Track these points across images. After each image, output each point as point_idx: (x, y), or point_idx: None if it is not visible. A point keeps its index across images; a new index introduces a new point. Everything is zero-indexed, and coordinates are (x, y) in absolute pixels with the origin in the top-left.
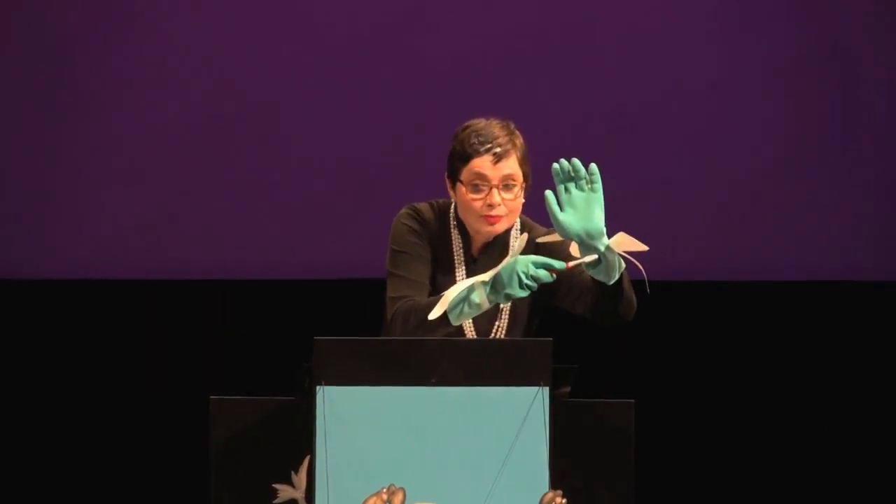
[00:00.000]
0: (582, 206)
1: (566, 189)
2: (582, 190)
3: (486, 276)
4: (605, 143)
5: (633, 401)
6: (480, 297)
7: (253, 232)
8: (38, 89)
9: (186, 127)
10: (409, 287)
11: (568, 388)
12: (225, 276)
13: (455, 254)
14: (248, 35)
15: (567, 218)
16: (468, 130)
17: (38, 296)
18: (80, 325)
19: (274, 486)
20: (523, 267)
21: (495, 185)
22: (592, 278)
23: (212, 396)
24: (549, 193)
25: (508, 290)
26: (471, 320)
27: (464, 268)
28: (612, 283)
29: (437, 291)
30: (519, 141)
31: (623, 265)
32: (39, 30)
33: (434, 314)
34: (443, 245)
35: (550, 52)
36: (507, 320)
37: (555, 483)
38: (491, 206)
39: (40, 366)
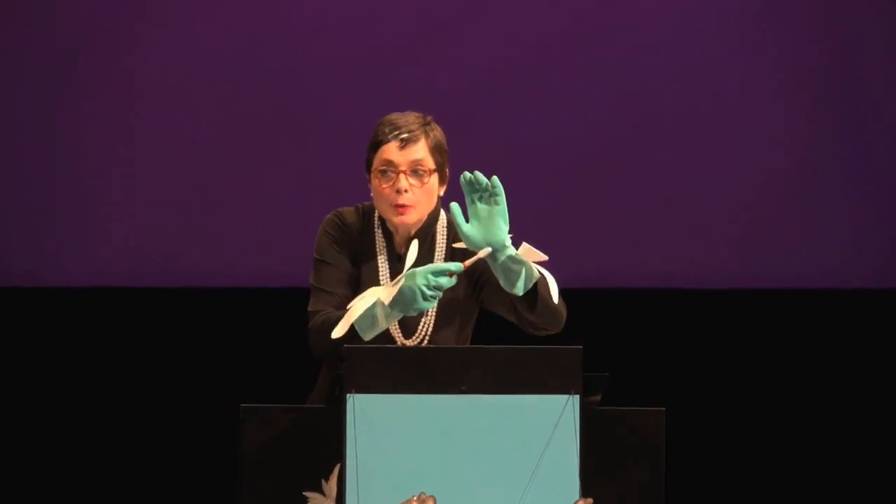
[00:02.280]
0: (485, 218)
1: (472, 201)
2: (486, 203)
3: (386, 296)
4: (621, 154)
5: (663, 409)
6: (384, 317)
7: (282, 239)
8: (52, 95)
9: (207, 133)
10: (325, 300)
11: (598, 397)
12: (256, 284)
13: (378, 253)
14: (264, 43)
15: (471, 230)
16: (383, 121)
17: (54, 304)
18: (106, 333)
19: (304, 494)
20: (422, 280)
21: (403, 170)
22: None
23: (242, 404)
24: (454, 205)
25: (416, 306)
26: (396, 322)
27: (387, 266)
28: (520, 293)
29: (357, 296)
30: (433, 132)
31: (536, 275)
32: (57, 35)
33: (336, 333)
34: (366, 246)
35: (574, 62)
36: (433, 318)
37: (585, 491)
38: (399, 191)
39: (60, 374)
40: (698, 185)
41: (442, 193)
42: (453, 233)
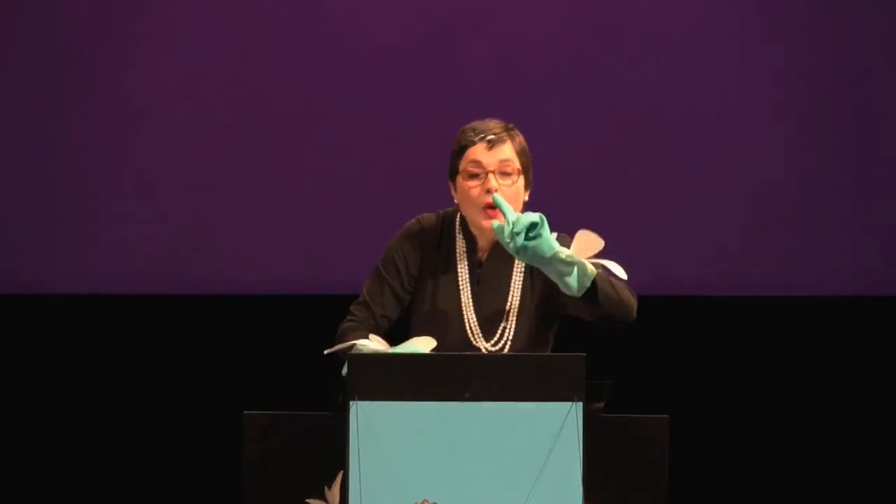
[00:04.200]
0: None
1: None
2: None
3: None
4: (624, 162)
5: (667, 416)
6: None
7: (286, 246)
8: (53, 102)
9: (213, 140)
10: (364, 311)
11: (602, 404)
12: (259, 292)
13: (459, 259)
14: (272, 47)
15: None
16: (465, 129)
17: (60, 311)
18: (107, 340)
19: (307, 501)
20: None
21: (491, 170)
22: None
23: (245, 412)
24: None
25: None
26: (476, 323)
27: (467, 274)
28: (578, 294)
29: (436, 302)
30: (518, 137)
31: (591, 271)
32: (60, 42)
33: (329, 350)
34: (446, 252)
35: (575, 72)
36: (514, 322)
37: (588, 498)
38: (489, 191)
39: (62, 382)
40: (700, 192)
41: (527, 198)
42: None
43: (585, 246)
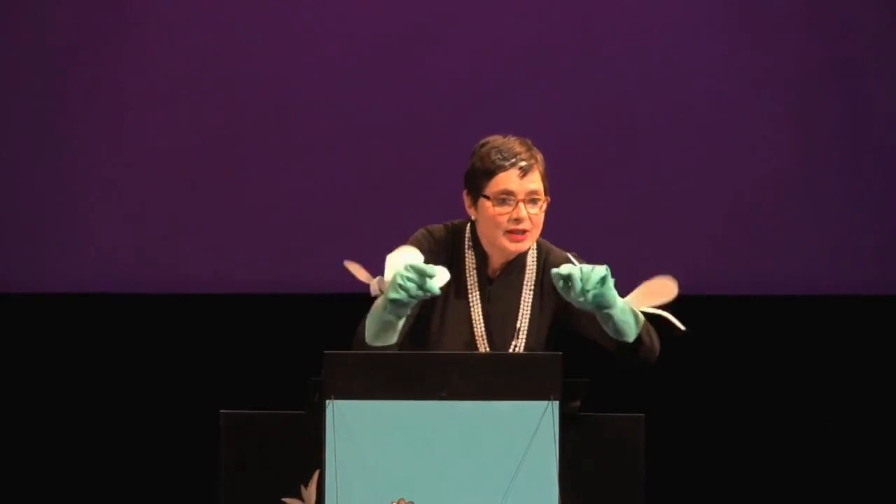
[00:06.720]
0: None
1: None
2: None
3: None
4: (609, 159)
5: (643, 415)
6: (380, 310)
7: (261, 245)
8: (43, 102)
9: (193, 139)
10: None
11: (578, 403)
12: (234, 291)
13: (468, 275)
14: (253, 49)
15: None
16: (488, 146)
17: (46, 310)
18: (87, 339)
19: (284, 500)
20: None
21: (521, 199)
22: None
23: (222, 410)
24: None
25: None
26: (485, 339)
27: (477, 290)
28: (631, 340)
29: (446, 317)
30: (539, 157)
31: (641, 319)
32: (49, 44)
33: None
34: (456, 267)
35: (556, 69)
36: (523, 340)
37: (564, 497)
38: (518, 220)
39: (51, 381)
40: (684, 190)
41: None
42: (542, 259)
43: (655, 293)
